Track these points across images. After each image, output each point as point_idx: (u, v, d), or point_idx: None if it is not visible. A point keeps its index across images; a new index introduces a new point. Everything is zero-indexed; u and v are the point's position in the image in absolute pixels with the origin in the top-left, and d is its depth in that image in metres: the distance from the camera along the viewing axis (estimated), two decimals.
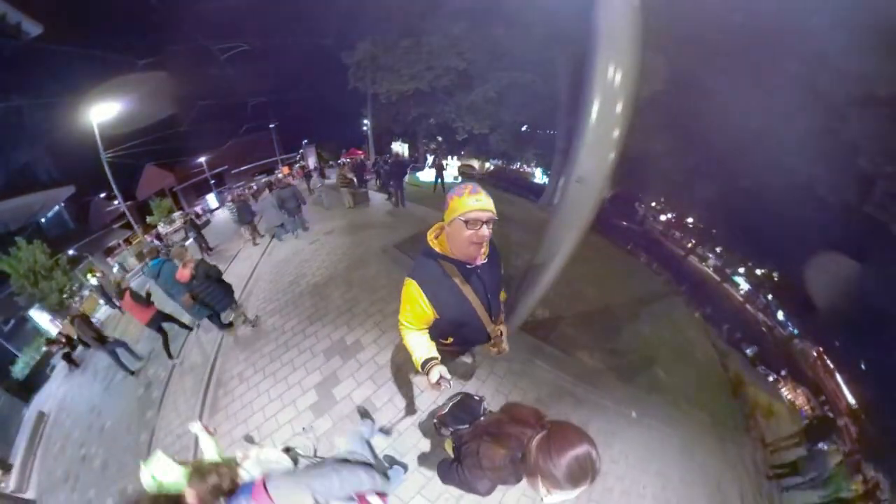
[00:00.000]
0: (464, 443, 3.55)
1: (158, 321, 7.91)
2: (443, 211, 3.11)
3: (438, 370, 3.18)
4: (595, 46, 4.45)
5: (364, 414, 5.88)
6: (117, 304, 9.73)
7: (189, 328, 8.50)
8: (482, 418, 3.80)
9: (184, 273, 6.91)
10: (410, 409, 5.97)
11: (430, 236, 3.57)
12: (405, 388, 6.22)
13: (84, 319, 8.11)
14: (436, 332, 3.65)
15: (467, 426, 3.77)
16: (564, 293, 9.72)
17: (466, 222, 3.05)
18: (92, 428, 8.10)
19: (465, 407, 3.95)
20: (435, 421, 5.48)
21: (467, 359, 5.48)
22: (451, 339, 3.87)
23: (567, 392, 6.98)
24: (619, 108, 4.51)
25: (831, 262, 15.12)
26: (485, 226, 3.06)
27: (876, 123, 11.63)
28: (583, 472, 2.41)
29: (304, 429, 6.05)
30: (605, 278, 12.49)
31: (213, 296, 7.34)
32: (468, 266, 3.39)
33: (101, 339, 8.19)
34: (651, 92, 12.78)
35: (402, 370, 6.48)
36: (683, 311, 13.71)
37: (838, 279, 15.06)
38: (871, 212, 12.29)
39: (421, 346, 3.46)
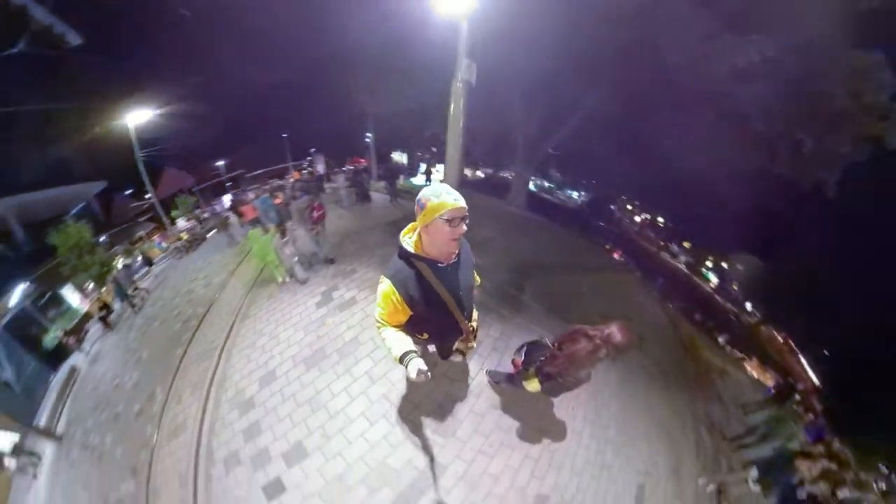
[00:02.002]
0: (548, 365, 4.62)
1: None
2: (419, 213, 3.36)
3: (416, 364, 3.43)
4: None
5: None
6: (130, 295, 10.48)
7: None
8: (549, 346, 4.86)
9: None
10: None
11: (404, 238, 3.69)
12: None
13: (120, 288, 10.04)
14: (411, 327, 3.83)
15: (546, 356, 4.72)
16: (540, 282, 10.12)
17: (448, 220, 3.27)
18: (128, 362, 8.87)
19: (537, 349, 5.00)
20: (490, 374, 6.29)
21: (457, 358, 5.52)
22: (425, 335, 4.13)
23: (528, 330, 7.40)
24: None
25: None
26: (462, 222, 3.32)
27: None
28: (626, 330, 4.09)
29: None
30: (576, 268, 12.72)
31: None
32: (440, 265, 3.57)
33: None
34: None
35: None
36: (646, 294, 13.65)
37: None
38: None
39: (397, 341, 3.62)
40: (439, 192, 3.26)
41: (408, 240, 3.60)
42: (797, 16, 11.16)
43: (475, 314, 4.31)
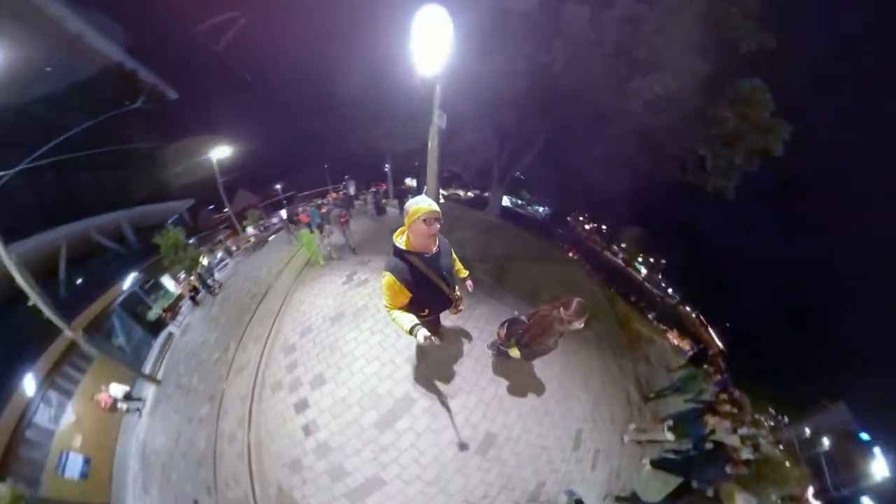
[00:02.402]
0: (525, 336, 4.70)
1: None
2: (405, 218, 3.51)
3: (423, 332, 3.47)
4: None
5: None
6: (210, 284, 10.93)
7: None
8: (523, 322, 4.84)
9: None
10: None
11: (397, 238, 3.72)
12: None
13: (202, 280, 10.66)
14: (416, 308, 3.84)
15: (521, 330, 4.76)
16: (509, 271, 10.18)
17: (425, 220, 3.41)
18: (209, 327, 9.44)
19: (514, 324, 5.01)
20: (489, 346, 6.10)
21: (447, 322, 5.63)
22: (426, 311, 4.08)
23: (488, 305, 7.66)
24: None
25: None
26: (436, 222, 3.45)
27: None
28: (583, 305, 4.03)
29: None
30: (538, 261, 12.61)
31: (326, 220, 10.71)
32: (426, 256, 3.66)
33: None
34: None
35: None
36: (591, 281, 13.41)
37: None
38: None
39: (405, 318, 3.66)
40: (418, 201, 3.48)
41: (399, 240, 3.70)
42: (693, 56, 10.95)
43: (457, 288, 4.32)
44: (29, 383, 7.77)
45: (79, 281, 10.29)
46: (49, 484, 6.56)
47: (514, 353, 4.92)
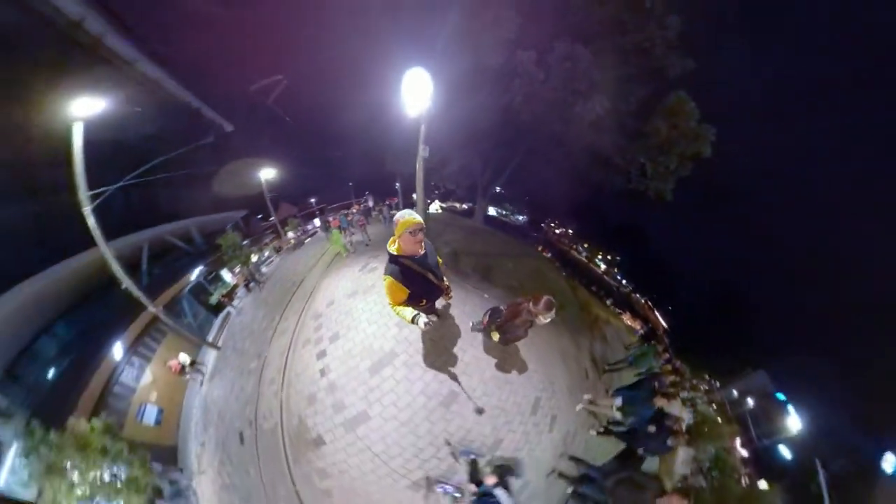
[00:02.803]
0: (503, 323, 4.61)
1: None
2: (395, 229, 3.43)
3: (422, 318, 3.48)
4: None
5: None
6: (257, 277, 11.00)
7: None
8: (502, 311, 4.76)
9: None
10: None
11: (389, 246, 3.62)
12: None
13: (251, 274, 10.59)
14: (415, 300, 3.76)
15: (499, 318, 4.69)
16: (491, 267, 10.23)
17: (410, 232, 3.37)
18: (259, 306, 9.60)
19: (496, 312, 4.92)
20: (472, 324, 5.87)
21: (440, 305, 5.36)
22: (424, 301, 3.97)
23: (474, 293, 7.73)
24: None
25: None
26: (420, 232, 3.43)
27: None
28: (551, 301, 3.92)
29: None
30: (515, 258, 12.50)
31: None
32: (415, 258, 3.58)
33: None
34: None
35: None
36: (559, 274, 13.39)
37: None
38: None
39: (406, 311, 3.60)
40: (404, 215, 3.43)
41: (392, 248, 3.62)
42: (626, 82, 10.83)
43: (445, 279, 4.21)
44: (117, 350, 7.90)
45: (156, 273, 10.37)
46: (130, 429, 6.68)
47: (495, 336, 4.82)
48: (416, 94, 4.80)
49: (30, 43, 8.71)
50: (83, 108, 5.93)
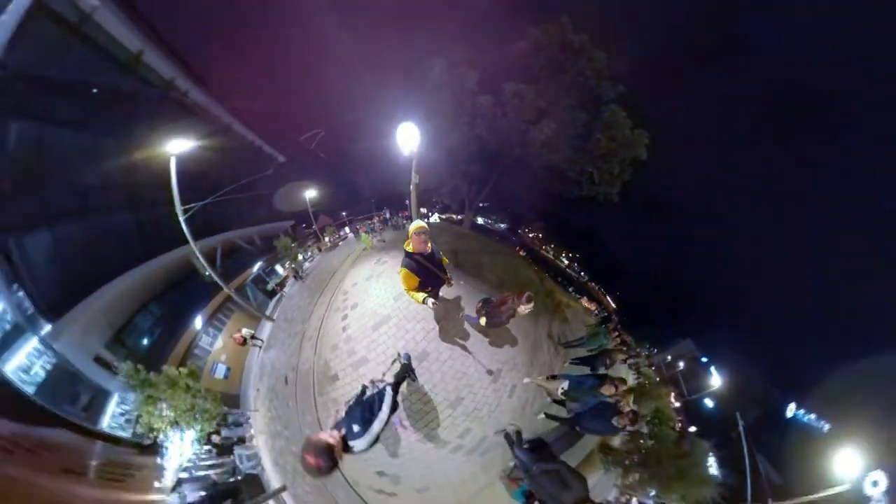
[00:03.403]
0: (491, 310, 4.54)
1: None
2: (408, 233, 3.56)
3: (430, 300, 3.63)
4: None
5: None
6: (299, 272, 10.67)
7: None
8: (493, 301, 4.68)
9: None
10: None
11: (406, 246, 3.78)
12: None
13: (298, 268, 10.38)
14: (424, 287, 3.80)
15: (489, 307, 4.57)
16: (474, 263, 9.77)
17: (417, 235, 3.56)
18: (303, 290, 9.50)
19: (487, 302, 4.80)
20: (463, 315, 5.60)
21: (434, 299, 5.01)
22: (430, 288, 3.97)
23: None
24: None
25: None
26: (423, 234, 3.61)
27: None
28: (530, 297, 3.91)
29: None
30: (496, 256, 12.01)
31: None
32: (424, 254, 3.69)
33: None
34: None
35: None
36: (530, 268, 12.92)
37: None
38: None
39: (418, 295, 3.68)
40: (414, 223, 3.72)
41: (408, 247, 3.77)
42: (569, 108, 10.56)
43: (448, 272, 4.21)
44: (198, 322, 8.15)
45: (227, 266, 10.44)
46: (205, 381, 6.78)
47: (483, 321, 4.70)
48: (407, 140, 5.08)
49: (137, 98, 9.26)
50: (175, 147, 6.22)
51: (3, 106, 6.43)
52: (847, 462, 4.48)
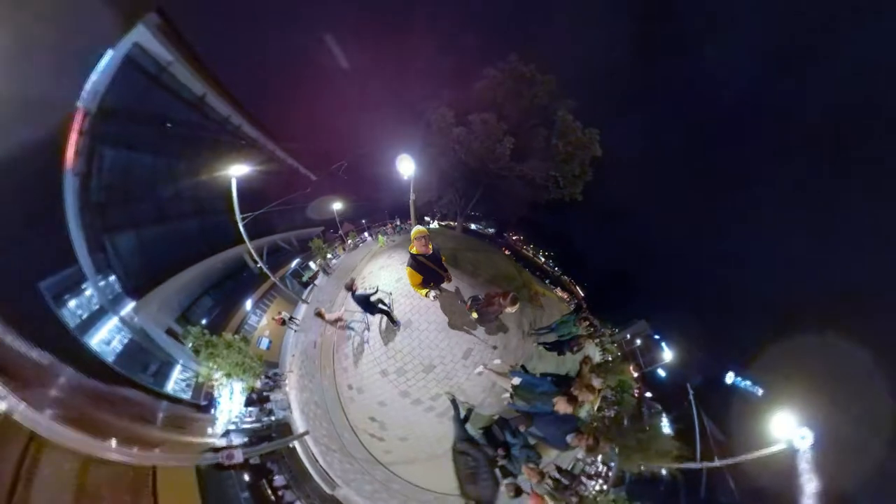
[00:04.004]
0: (480, 308, 4.40)
1: None
2: (411, 237, 3.61)
3: (432, 292, 3.79)
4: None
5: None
6: (326, 268, 10.38)
7: None
8: (481, 299, 4.50)
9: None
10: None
11: (410, 249, 3.94)
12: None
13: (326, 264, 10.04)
14: (426, 283, 3.92)
15: (479, 304, 4.47)
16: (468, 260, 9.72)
17: (417, 239, 3.66)
18: (331, 281, 9.40)
19: (475, 300, 4.69)
20: (462, 302, 5.10)
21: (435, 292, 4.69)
22: (432, 283, 4.08)
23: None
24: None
25: None
26: (423, 238, 3.72)
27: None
28: (516, 298, 3.82)
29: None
30: (483, 254, 12.41)
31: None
32: (426, 255, 3.84)
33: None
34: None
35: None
36: (511, 263, 12.85)
37: None
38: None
39: (422, 287, 3.80)
40: (416, 229, 3.78)
41: (411, 250, 3.89)
42: (531, 127, 10.45)
43: (447, 269, 4.20)
44: (248, 304, 8.31)
45: (272, 262, 10.08)
46: (251, 349, 6.73)
47: (473, 315, 4.61)
48: (405, 167, 5.41)
49: (202, 131, 9.76)
50: (235, 170, 6.68)
51: (100, 137, 6.86)
52: (782, 424, 4.47)
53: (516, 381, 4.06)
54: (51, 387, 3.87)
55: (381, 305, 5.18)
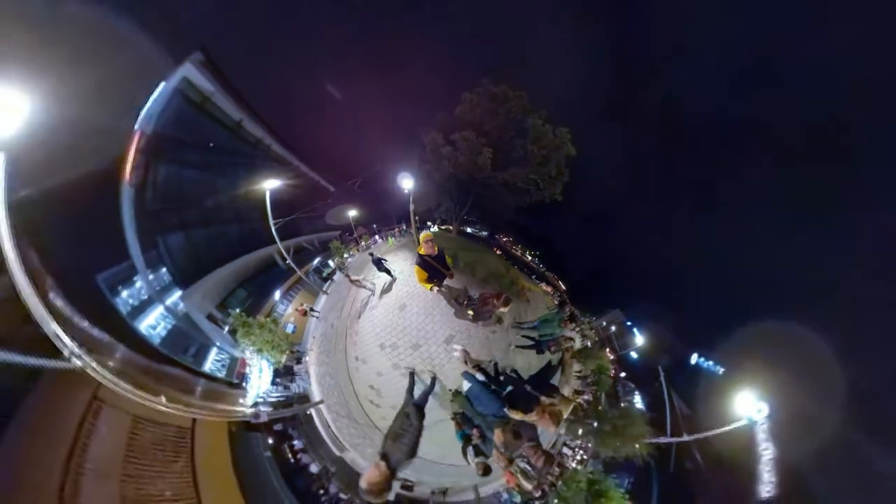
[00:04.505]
0: (475, 308, 4.16)
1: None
2: (419, 239, 3.56)
3: (435, 288, 3.68)
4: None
5: None
6: (343, 266, 10.12)
7: None
8: (476, 299, 4.27)
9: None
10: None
11: (418, 250, 3.77)
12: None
13: (343, 262, 9.90)
14: (431, 279, 3.76)
15: (473, 304, 4.23)
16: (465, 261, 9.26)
17: (425, 241, 3.59)
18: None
19: (471, 300, 4.39)
20: (459, 303, 4.61)
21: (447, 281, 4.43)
22: (436, 280, 3.90)
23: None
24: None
25: None
26: (430, 241, 3.64)
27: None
28: (508, 299, 3.67)
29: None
30: (477, 253, 12.40)
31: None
32: (432, 255, 3.76)
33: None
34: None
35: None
36: (500, 261, 12.92)
37: None
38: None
39: (427, 282, 3.70)
40: (423, 233, 3.81)
41: (419, 251, 3.76)
42: (509, 140, 10.25)
43: (450, 268, 3.99)
44: (277, 294, 8.36)
45: (297, 260, 9.74)
46: (279, 330, 6.86)
47: (469, 312, 4.33)
48: (405, 183, 5.69)
49: (239, 150, 9.99)
50: (267, 184, 6.89)
51: (156, 155, 7.12)
52: (741, 399, 4.39)
53: (465, 385, 3.43)
54: (109, 359, 4.09)
55: (384, 264, 6.20)
